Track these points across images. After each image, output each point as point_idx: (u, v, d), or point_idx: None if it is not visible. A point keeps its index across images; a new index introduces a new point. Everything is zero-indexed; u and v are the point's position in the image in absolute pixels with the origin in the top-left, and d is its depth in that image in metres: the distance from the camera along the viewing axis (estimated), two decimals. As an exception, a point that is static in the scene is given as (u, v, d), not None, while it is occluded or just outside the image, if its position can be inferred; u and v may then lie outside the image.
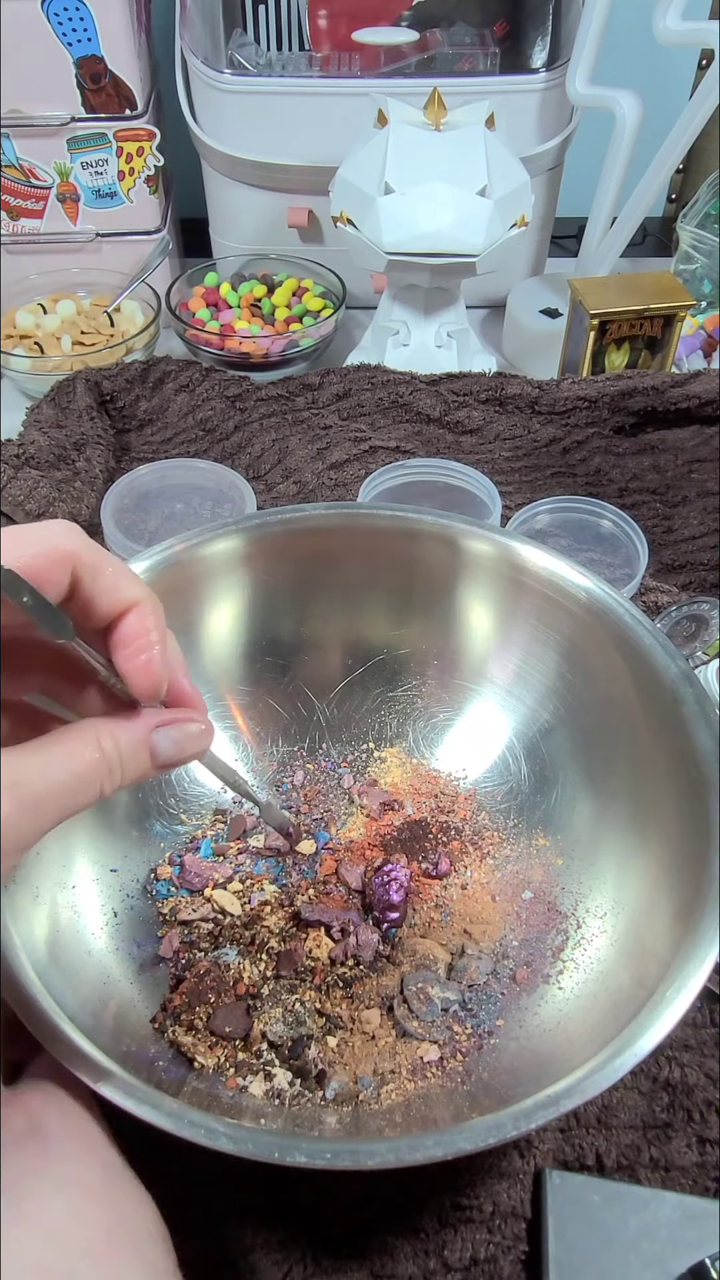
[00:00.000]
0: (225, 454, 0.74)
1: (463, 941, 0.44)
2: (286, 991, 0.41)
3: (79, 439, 0.71)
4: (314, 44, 0.87)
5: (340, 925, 0.44)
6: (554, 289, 0.90)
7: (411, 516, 0.49)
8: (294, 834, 0.47)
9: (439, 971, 0.43)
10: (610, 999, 0.37)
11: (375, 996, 0.42)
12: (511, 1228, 0.38)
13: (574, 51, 0.79)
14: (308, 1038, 0.40)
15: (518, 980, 0.42)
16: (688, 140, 0.78)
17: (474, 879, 0.47)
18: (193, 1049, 0.39)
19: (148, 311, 0.88)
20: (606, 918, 0.42)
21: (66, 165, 0.85)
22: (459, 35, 0.86)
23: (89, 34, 0.78)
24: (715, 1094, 0.42)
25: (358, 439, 0.73)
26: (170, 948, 0.43)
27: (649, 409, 0.75)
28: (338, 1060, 0.40)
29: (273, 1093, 0.38)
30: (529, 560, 0.47)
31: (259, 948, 0.43)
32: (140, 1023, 0.39)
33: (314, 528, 0.49)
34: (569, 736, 0.47)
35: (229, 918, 0.45)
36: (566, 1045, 0.37)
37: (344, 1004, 0.42)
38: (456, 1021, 0.41)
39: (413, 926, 0.45)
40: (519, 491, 0.71)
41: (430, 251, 0.71)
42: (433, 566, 0.49)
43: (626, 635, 0.43)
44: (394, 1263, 0.37)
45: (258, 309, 0.88)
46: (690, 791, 0.39)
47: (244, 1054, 0.39)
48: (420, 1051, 0.40)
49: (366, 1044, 0.40)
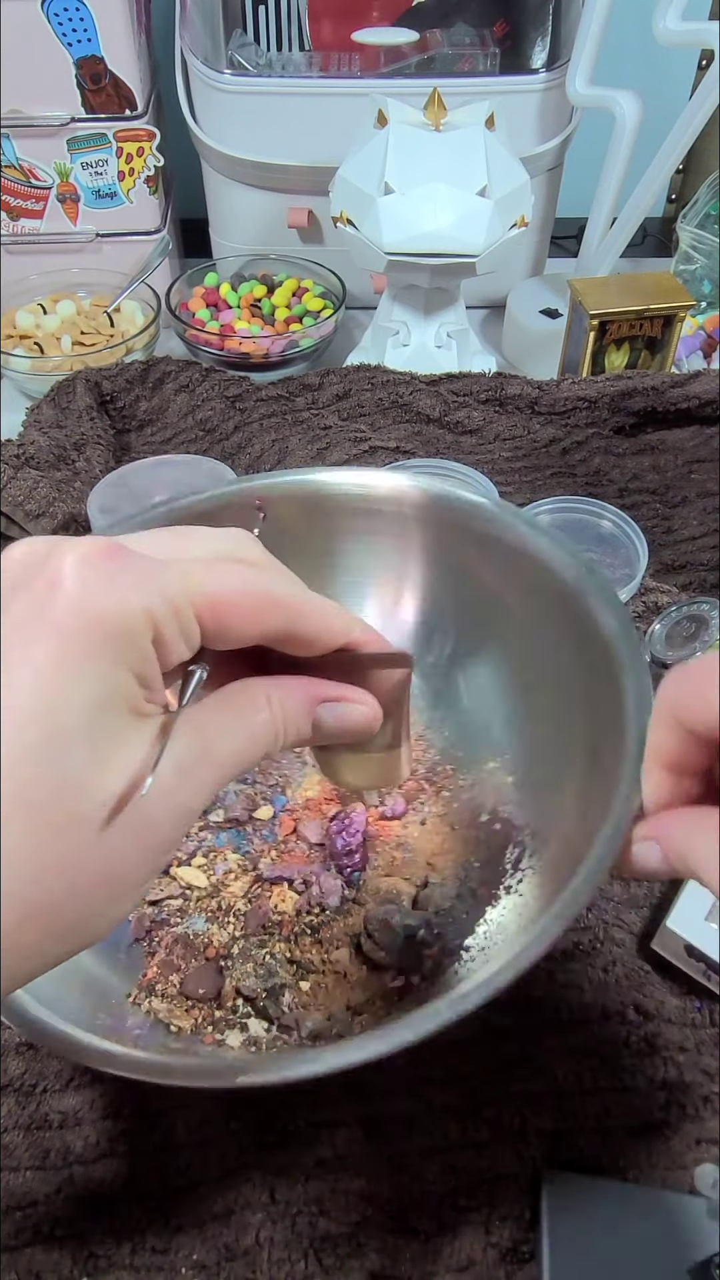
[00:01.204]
0: (225, 454, 0.74)
1: (425, 874, 0.46)
2: (256, 947, 0.43)
3: (79, 439, 0.71)
4: (314, 44, 0.88)
5: (302, 878, 0.45)
6: (554, 289, 0.90)
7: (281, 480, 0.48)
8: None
9: (403, 903, 0.45)
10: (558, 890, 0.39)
11: (344, 938, 0.44)
12: (510, 1228, 0.38)
13: (574, 52, 0.79)
14: (281, 986, 0.41)
15: (478, 898, 0.44)
16: (688, 140, 0.78)
17: (431, 813, 0.48)
18: (169, 1014, 0.40)
19: (148, 312, 0.88)
20: (556, 820, 0.43)
21: (66, 165, 0.85)
22: (459, 35, 0.86)
23: (89, 34, 0.78)
24: (714, 1093, 0.42)
25: (358, 439, 0.73)
26: (142, 928, 0.44)
27: (649, 409, 0.75)
28: (312, 1002, 0.41)
29: (250, 1041, 0.40)
30: (407, 492, 0.47)
31: (225, 912, 0.45)
32: (119, 1001, 0.41)
33: (233, 499, 0.48)
34: (490, 657, 0.49)
35: (196, 891, 0.46)
36: (534, 946, 0.38)
37: (314, 949, 0.43)
38: (424, 945, 0.43)
39: (376, 868, 0.47)
40: (519, 492, 0.71)
41: (430, 252, 0.71)
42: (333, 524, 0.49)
43: (524, 540, 0.45)
44: (394, 1263, 0.37)
45: (258, 309, 0.88)
46: (605, 673, 0.40)
47: (219, 1011, 0.41)
48: (388, 979, 0.42)
49: (339, 982, 0.42)
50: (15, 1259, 0.37)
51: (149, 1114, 0.41)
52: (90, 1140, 0.40)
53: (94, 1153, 0.40)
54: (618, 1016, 0.44)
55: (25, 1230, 0.38)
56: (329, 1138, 0.40)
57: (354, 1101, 0.41)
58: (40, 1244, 0.38)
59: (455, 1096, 0.42)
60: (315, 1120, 0.41)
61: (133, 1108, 0.41)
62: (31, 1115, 0.41)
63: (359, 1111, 0.41)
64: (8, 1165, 0.40)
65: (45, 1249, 0.38)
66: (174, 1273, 0.37)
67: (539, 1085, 0.42)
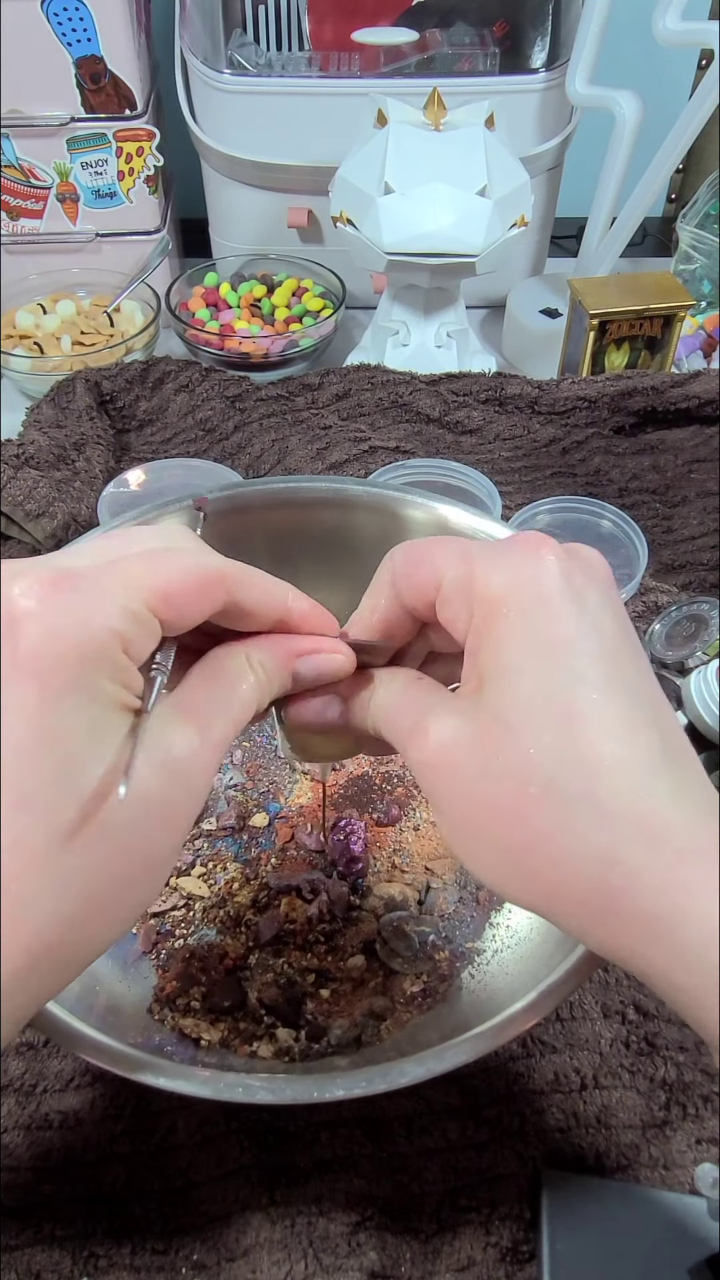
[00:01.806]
0: (225, 454, 0.74)
1: (426, 879, 0.47)
2: (272, 957, 0.43)
3: (79, 439, 0.71)
4: (314, 44, 0.88)
5: (309, 886, 0.46)
6: (554, 289, 0.90)
7: (348, 487, 0.49)
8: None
9: (411, 909, 0.45)
10: None
11: (356, 944, 0.44)
12: (510, 1228, 0.38)
13: (574, 51, 0.79)
14: (301, 995, 0.42)
15: (481, 901, 0.45)
16: (688, 140, 0.78)
17: (425, 819, 0.49)
18: (195, 1029, 0.40)
19: (147, 311, 0.88)
20: None
21: (66, 165, 0.85)
22: (459, 35, 0.86)
23: (89, 34, 0.78)
24: (714, 1093, 0.42)
25: (357, 439, 0.73)
26: (148, 941, 0.44)
27: (649, 409, 0.75)
28: (334, 1009, 0.42)
29: (281, 1051, 0.40)
30: (456, 520, 0.47)
31: (236, 922, 0.45)
32: (138, 1015, 0.41)
33: (260, 503, 0.49)
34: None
35: (199, 901, 0.46)
36: (541, 946, 0.39)
37: (329, 957, 0.44)
38: (435, 950, 0.44)
39: (377, 874, 0.47)
40: (519, 491, 0.71)
41: (430, 251, 0.71)
42: (368, 535, 0.49)
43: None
44: (394, 1263, 0.37)
45: (257, 309, 0.88)
46: None
47: (245, 1023, 0.41)
48: (407, 984, 0.42)
49: (358, 989, 0.43)
50: (15, 1259, 0.37)
51: (149, 1114, 0.41)
52: (90, 1140, 0.40)
53: (94, 1153, 0.40)
54: (618, 1016, 0.44)
55: (25, 1230, 0.38)
56: (329, 1138, 0.40)
57: (354, 1101, 0.41)
58: (40, 1244, 0.38)
59: (455, 1096, 0.42)
60: (315, 1120, 0.41)
61: (133, 1108, 0.41)
62: (31, 1115, 0.41)
63: (359, 1111, 0.41)
64: (8, 1165, 0.40)
65: (45, 1249, 0.38)
66: (174, 1273, 0.37)
67: (539, 1085, 0.42)
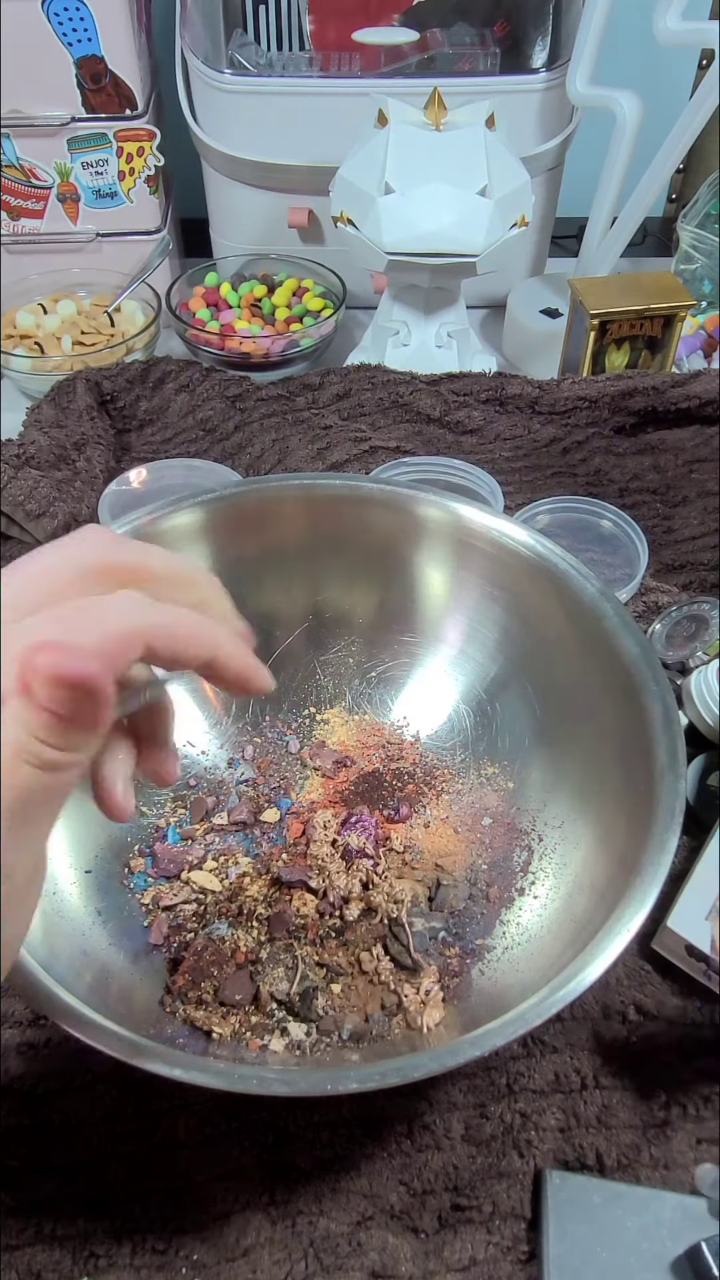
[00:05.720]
0: (225, 454, 0.74)
1: (436, 875, 0.47)
2: (283, 951, 0.44)
3: (79, 439, 0.71)
4: (314, 44, 0.87)
5: (321, 881, 0.46)
6: (554, 289, 0.90)
7: (363, 485, 0.50)
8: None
9: (422, 905, 0.45)
10: (584, 894, 0.40)
11: (368, 939, 0.44)
12: (511, 1228, 0.38)
13: (574, 51, 0.79)
14: (313, 989, 0.42)
15: (492, 899, 0.45)
16: (688, 140, 0.78)
17: (434, 816, 0.49)
18: (207, 1022, 0.40)
19: (148, 311, 0.88)
20: (564, 826, 0.45)
21: (67, 165, 0.85)
22: (459, 35, 0.86)
23: (89, 34, 0.78)
24: (714, 1093, 0.42)
25: (358, 439, 0.73)
26: (160, 934, 0.44)
27: (649, 409, 0.75)
28: (345, 1004, 0.42)
29: (293, 1045, 0.40)
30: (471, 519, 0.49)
31: (248, 916, 0.45)
32: (150, 1007, 0.41)
33: (271, 497, 0.50)
34: (504, 669, 0.50)
35: (211, 895, 0.46)
36: (551, 944, 0.40)
37: (339, 951, 0.44)
38: (446, 946, 0.44)
39: (388, 870, 0.47)
40: (519, 491, 0.71)
41: (430, 251, 0.71)
42: (381, 532, 0.51)
43: (544, 563, 0.46)
44: (394, 1263, 0.37)
45: (258, 309, 0.88)
46: (623, 693, 0.42)
47: (257, 1016, 0.41)
48: (419, 979, 0.42)
49: (369, 984, 0.43)
50: (15, 1259, 0.37)
51: (149, 1115, 0.41)
52: (90, 1140, 0.40)
53: (94, 1153, 0.40)
54: (618, 1016, 0.44)
55: (25, 1230, 0.38)
56: (329, 1138, 0.40)
57: (354, 1101, 0.41)
58: (40, 1244, 0.38)
59: (456, 1095, 0.42)
60: (315, 1120, 0.41)
61: (133, 1108, 0.41)
62: (32, 1115, 0.41)
63: (359, 1111, 0.41)
64: (8, 1164, 0.40)
65: (45, 1249, 0.38)
66: (174, 1273, 0.37)
67: (539, 1085, 0.42)
